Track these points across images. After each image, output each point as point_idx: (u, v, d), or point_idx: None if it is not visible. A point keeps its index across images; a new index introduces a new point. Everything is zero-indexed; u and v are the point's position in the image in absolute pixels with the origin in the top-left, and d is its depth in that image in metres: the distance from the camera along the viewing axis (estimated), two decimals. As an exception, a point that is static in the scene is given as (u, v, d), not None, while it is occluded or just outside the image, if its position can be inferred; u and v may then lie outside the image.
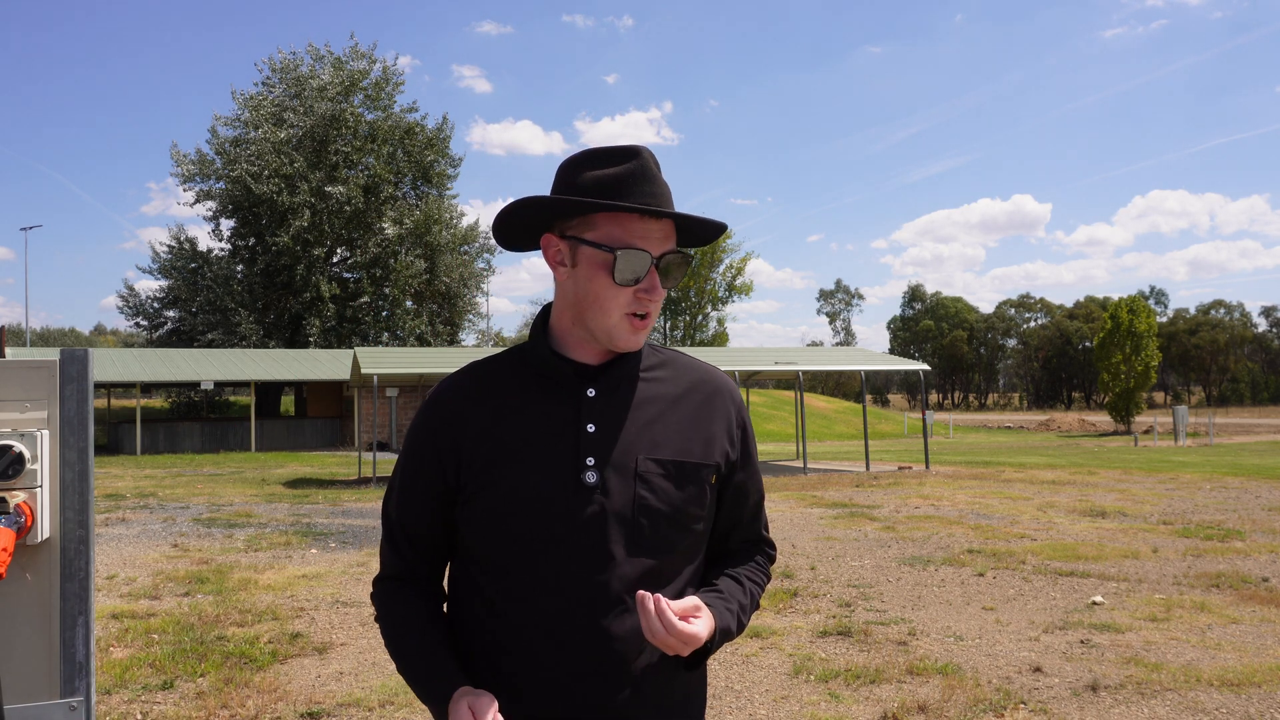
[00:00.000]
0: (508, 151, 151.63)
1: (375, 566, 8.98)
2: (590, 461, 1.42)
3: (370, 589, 1.61)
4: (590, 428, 1.44)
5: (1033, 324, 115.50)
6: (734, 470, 1.57)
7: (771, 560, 1.70)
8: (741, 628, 1.52)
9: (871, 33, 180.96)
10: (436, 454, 1.50)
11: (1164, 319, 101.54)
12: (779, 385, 52.26)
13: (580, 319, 1.47)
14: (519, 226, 1.53)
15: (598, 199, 1.42)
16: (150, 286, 71.98)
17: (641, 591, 1.36)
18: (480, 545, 1.47)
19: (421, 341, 43.55)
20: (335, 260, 45.07)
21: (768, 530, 1.70)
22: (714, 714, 4.96)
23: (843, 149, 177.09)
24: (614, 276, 1.41)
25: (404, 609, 1.53)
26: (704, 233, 1.50)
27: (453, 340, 46.47)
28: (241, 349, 38.28)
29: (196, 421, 34.76)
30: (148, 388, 39.41)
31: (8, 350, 28.85)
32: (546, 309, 1.55)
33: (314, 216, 41.70)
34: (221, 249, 44.50)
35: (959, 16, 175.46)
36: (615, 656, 1.41)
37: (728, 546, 1.63)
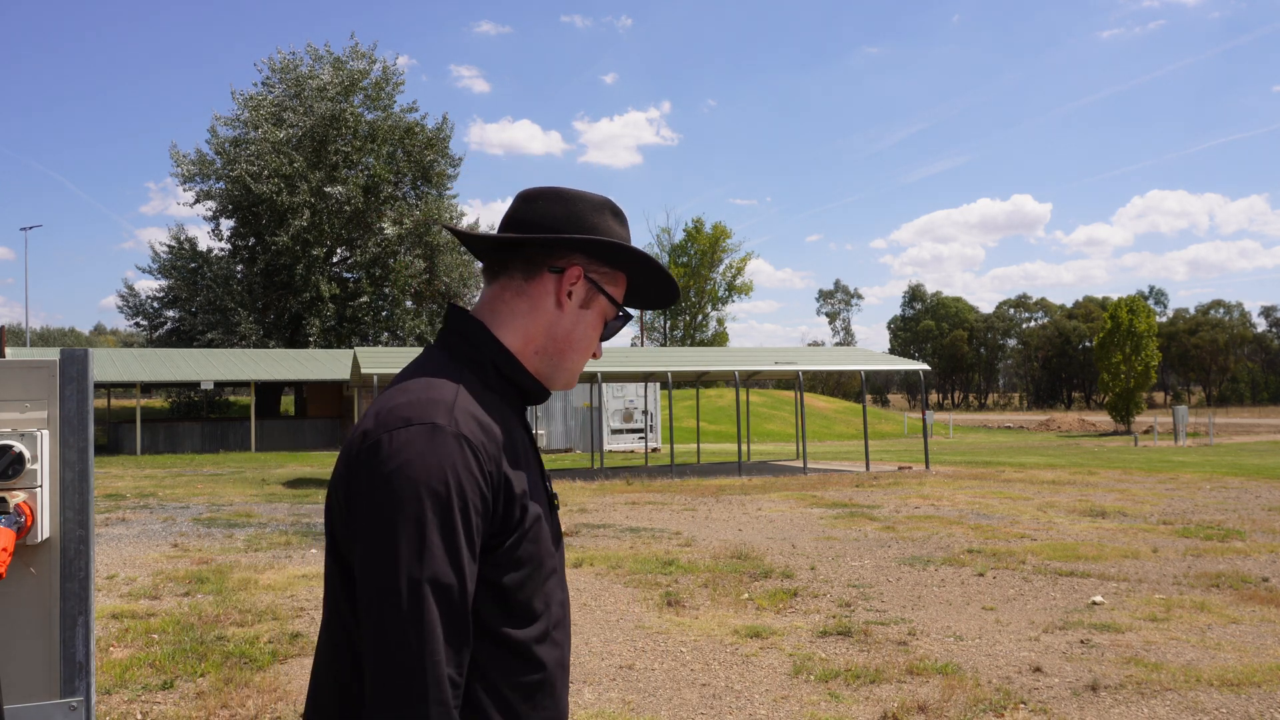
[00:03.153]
0: (506, 151, 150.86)
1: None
2: (550, 485, 1.46)
3: None
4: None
5: (1032, 324, 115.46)
6: None
7: None
8: None
9: (870, 33, 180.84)
10: (488, 497, 1.24)
11: (1164, 319, 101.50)
12: (779, 385, 52.24)
13: (548, 353, 1.41)
14: (531, 246, 1.41)
15: (630, 263, 1.43)
16: (150, 286, 72.03)
17: None
18: (512, 599, 1.29)
19: (421, 341, 43.51)
20: (335, 260, 45.07)
21: None
22: (714, 714, 4.96)
23: (842, 149, 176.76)
24: (605, 332, 1.45)
25: None
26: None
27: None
28: (241, 349, 38.28)
29: (196, 421, 34.76)
30: (148, 388, 39.37)
31: (8, 350, 28.74)
32: (478, 323, 1.40)
33: (314, 216, 41.70)
34: (221, 249, 44.56)
35: (957, 17, 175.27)
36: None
37: None
